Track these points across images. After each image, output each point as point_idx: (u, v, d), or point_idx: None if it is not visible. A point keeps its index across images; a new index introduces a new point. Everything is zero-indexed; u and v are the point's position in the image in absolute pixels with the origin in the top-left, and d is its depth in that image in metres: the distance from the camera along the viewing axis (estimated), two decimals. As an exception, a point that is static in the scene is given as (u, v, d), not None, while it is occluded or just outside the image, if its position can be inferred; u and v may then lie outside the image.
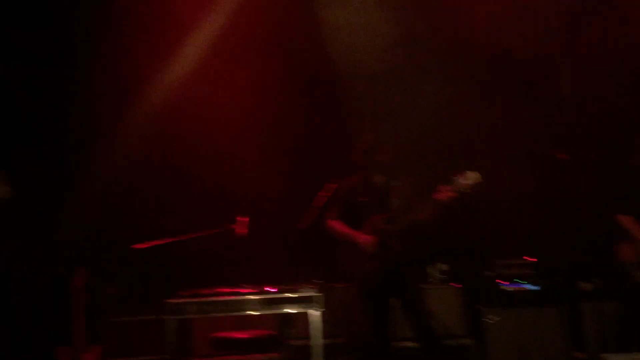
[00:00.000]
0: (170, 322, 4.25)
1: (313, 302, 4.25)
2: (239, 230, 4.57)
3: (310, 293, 4.27)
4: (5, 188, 5.52)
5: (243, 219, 4.60)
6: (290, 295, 4.28)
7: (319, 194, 4.84)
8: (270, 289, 4.34)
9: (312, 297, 4.25)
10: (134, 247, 4.60)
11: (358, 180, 4.77)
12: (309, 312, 4.24)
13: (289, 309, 4.28)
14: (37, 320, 5.58)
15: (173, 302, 4.28)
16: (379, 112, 6.30)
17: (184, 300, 4.29)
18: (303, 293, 4.27)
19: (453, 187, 4.38)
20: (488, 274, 5.48)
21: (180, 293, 4.37)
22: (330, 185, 4.84)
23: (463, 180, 4.36)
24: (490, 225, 6.06)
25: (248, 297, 4.30)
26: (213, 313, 4.33)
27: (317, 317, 4.24)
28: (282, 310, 4.31)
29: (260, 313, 4.30)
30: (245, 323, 4.98)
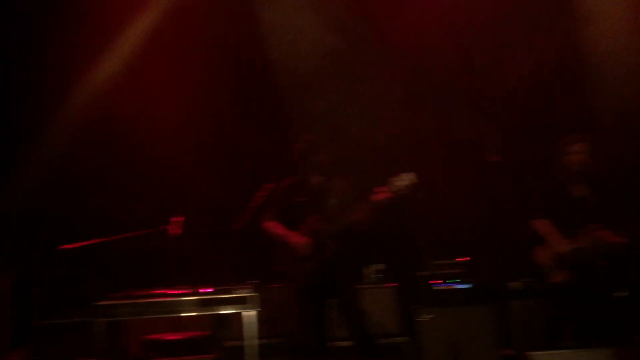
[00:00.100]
0: (99, 324, 4.14)
1: (248, 302, 4.22)
2: (173, 231, 4.51)
3: (245, 293, 4.23)
4: None
5: (177, 219, 4.54)
6: (225, 296, 4.23)
7: (256, 195, 4.82)
8: (205, 290, 4.28)
9: (247, 297, 4.22)
10: (63, 247, 4.47)
11: (295, 181, 4.77)
12: (244, 312, 4.21)
13: (224, 310, 4.23)
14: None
15: (103, 304, 4.17)
16: (317, 113, 6.34)
17: (115, 302, 4.18)
18: (238, 293, 4.23)
19: (389, 188, 4.44)
20: (422, 274, 5.59)
21: (112, 295, 4.26)
22: (267, 186, 4.82)
23: (398, 182, 4.42)
24: (425, 226, 6.18)
25: (182, 298, 4.22)
26: (145, 315, 4.22)
27: (252, 317, 4.21)
28: (216, 311, 4.25)
29: (195, 314, 4.23)
30: (181, 324, 4.91)
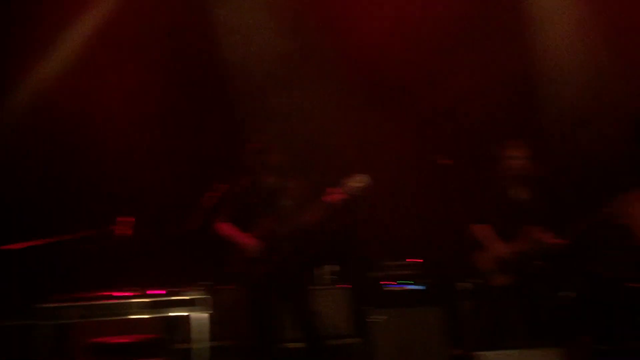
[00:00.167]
0: (44, 327, 4.02)
1: (198, 304, 4.16)
2: (120, 231, 4.42)
3: (196, 295, 4.17)
4: None
5: (126, 220, 4.45)
6: (175, 298, 4.16)
7: (207, 195, 4.76)
8: (155, 292, 4.19)
9: (197, 299, 4.16)
10: (5, 247, 4.34)
11: (248, 181, 4.74)
12: (194, 314, 4.15)
13: (174, 312, 4.16)
14: None
15: (48, 306, 4.05)
16: (270, 114, 6.32)
17: (60, 305, 4.07)
18: (188, 295, 4.17)
19: (342, 189, 4.44)
20: (374, 275, 5.62)
21: (57, 297, 4.13)
22: (219, 186, 4.77)
23: (352, 183, 4.43)
24: (377, 228, 6.22)
25: (130, 300, 4.13)
26: (92, 317, 4.12)
27: (202, 319, 4.15)
28: (166, 314, 4.17)
29: (144, 316, 4.14)
30: (131, 327, 4.80)
